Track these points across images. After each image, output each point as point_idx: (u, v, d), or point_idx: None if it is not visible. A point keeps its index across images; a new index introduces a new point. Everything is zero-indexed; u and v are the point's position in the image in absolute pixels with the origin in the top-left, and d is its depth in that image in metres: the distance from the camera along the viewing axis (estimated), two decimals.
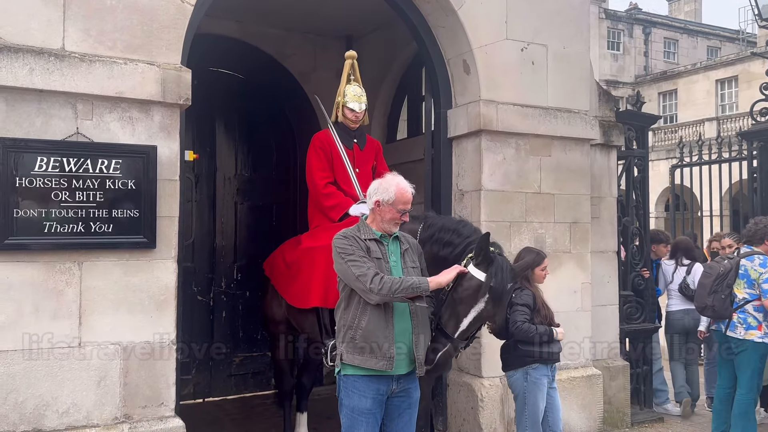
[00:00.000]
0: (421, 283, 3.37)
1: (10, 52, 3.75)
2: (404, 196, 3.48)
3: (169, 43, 4.21)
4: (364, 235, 3.48)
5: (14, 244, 3.75)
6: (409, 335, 3.45)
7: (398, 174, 3.59)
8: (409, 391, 3.56)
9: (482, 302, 3.57)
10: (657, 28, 34.95)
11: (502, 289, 3.61)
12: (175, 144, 4.21)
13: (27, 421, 3.78)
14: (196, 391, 6.94)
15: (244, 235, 7.32)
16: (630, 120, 6.84)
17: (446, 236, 3.93)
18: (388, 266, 3.45)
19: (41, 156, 3.81)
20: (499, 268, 3.61)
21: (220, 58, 7.02)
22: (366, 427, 3.43)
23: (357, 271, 3.33)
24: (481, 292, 3.56)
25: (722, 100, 29.34)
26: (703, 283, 5.55)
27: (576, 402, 5.63)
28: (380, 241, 3.49)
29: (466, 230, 3.95)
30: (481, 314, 3.61)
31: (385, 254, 3.48)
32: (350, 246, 3.41)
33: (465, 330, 3.61)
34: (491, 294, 3.57)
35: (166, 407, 4.12)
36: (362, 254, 3.39)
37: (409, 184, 3.56)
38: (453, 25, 5.39)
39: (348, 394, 3.46)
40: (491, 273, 3.58)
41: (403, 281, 3.33)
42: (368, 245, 3.45)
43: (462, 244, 3.85)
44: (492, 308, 3.62)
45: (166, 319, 4.14)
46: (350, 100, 4.97)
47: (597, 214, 6.23)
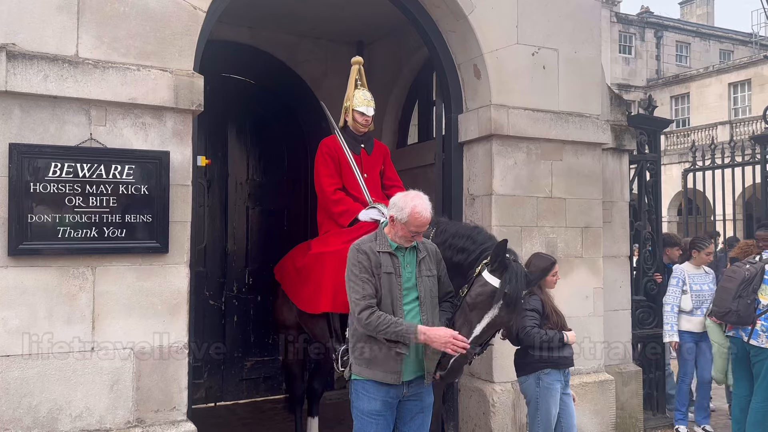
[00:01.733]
0: (409, 333, 3.33)
1: (24, 59, 3.79)
2: (417, 219, 3.44)
3: (181, 49, 4.24)
4: (379, 247, 3.49)
5: (28, 249, 3.78)
6: (418, 346, 3.45)
7: (422, 194, 3.54)
8: (422, 395, 3.57)
9: (496, 308, 3.56)
10: (669, 32, 34.77)
11: (516, 296, 3.59)
12: (187, 149, 4.24)
13: (41, 425, 3.80)
14: (208, 395, 6.97)
15: (255, 240, 7.34)
16: (642, 124, 6.81)
17: (460, 242, 3.91)
18: (399, 280, 3.45)
19: (55, 162, 3.84)
20: (514, 274, 3.59)
21: (232, 64, 7.06)
22: (376, 429, 3.45)
23: (355, 295, 3.41)
24: (495, 299, 3.56)
25: (735, 103, 29.14)
26: (727, 287, 5.38)
27: (588, 407, 5.60)
28: (394, 254, 3.49)
29: (480, 237, 3.94)
30: (495, 321, 3.60)
31: (398, 267, 3.48)
32: (359, 264, 3.43)
33: (478, 336, 3.60)
34: (505, 300, 3.56)
35: (178, 411, 4.14)
36: (367, 276, 3.40)
37: (429, 205, 3.51)
38: (464, 30, 5.39)
39: (358, 396, 3.49)
40: (506, 279, 3.57)
41: (390, 325, 3.33)
42: (381, 260, 3.45)
43: (477, 251, 3.83)
44: (506, 315, 3.61)
45: (179, 323, 4.16)
46: (359, 104, 4.97)
47: (609, 218, 6.20)
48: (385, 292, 3.43)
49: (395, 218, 3.47)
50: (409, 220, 3.43)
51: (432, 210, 3.54)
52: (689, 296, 6.34)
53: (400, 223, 3.45)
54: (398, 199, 3.52)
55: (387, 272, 3.44)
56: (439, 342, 3.34)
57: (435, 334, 3.35)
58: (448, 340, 3.34)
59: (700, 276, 6.46)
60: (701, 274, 6.47)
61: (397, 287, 3.45)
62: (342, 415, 3.73)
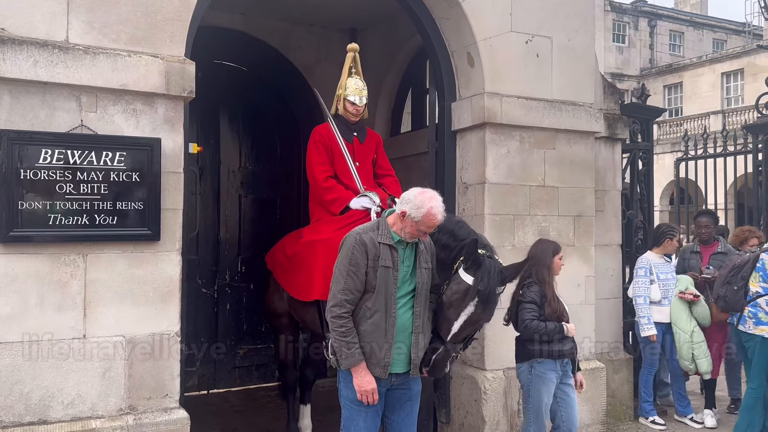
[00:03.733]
0: (348, 359, 3.39)
1: (14, 45, 3.75)
2: (431, 221, 3.45)
3: (173, 35, 4.21)
4: (380, 238, 3.47)
5: (19, 236, 3.76)
6: (409, 335, 3.50)
7: (438, 195, 3.52)
8: (410, 383, 3.60)
9: (471, 306, 3.57)
10: (662, 21, 34.75)
11: (489, 292, 3.59)
12: (179, 136, 4.21)
13: (32, 412, 3.80)
14: (201, 382, 6.98)
15: (248, 228, 7.33)
16: (635, 113, 6.82)
17: (443, 238, 3.89)
18: (396, 274, 3.45)
19: (46, 148, 3.81)
20: (486, 272, 3.59)
21: (224, 50, 7.02)
22: (365, 417, 3.47)
23: (336, 286, 3.43)
24: (469, 296, 3.56)
25: (728, 93, 29.21)
26: (721, 274, 5.53)
27: (579, 395, 5.61)
28: (395, 247, 3.48)
29: (461, 232, 3.90)
30: (471, 318, 3.60)
31: (397, 261, 3.47)
32: (352, 256, 3.41)
33: (457, 333, 3.61)
34: (479, 297, 3.56)
35: (170, 399, 4.14)
36: (354, 270, 3.38)
37: (443, 207, 3.50)
38: (457, 17, 5.37)
39: (347, 385, 3.50)
40: (478, 277, 3.57)
41: (344, 336, 3.37)
42: (380, 252, 3.43)
43: (457, 248, 3.81)
44: (482, 311, 3.60)
45: (171, 311, 4.15)
46: (351, 94, 4.94)
47: (601, 207, 6.22)
48: (380, 285, 3.41)
49: (408, 215, 3.44)
50: (423, 220, 3.43)
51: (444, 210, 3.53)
52: (657, 286, 6.24)
53: (412, 220, 3.44)
54: (414, 196, 3.47)
55: (385, 266, 3.42)
56: (358, 387, 3.42)
57: (363, 380, 3.40)
58: (365, 391, 3.41)
59: (664, 265, 6.37)
60: (664, 263, 6.39)
61: (393, 282, 3.44)
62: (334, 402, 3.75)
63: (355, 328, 3.42)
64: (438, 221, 3.48)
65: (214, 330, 7.07)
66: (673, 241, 6.41)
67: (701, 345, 6.11)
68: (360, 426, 3.49)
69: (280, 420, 5.75)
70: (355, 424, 3.50)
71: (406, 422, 3.60)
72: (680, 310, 6.18)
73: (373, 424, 3.52)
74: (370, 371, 3.43)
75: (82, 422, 3.88)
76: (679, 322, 6.17)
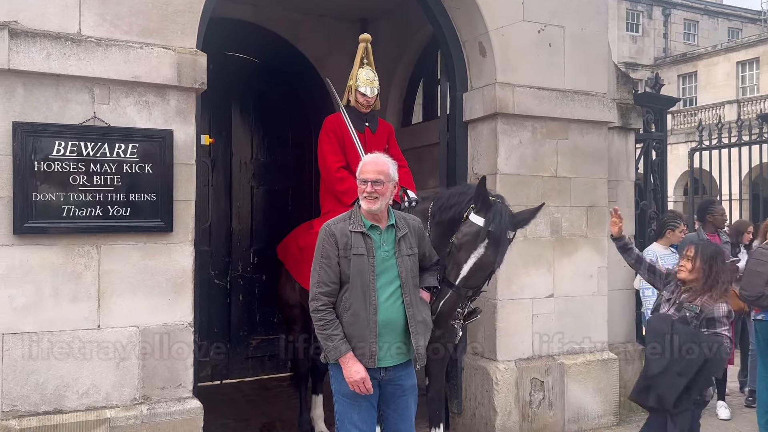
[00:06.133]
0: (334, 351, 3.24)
1: (27, 37, 3.77)
2: (365, 165, 3.34)
3: (184, 27, 4.22)
4: (351, 227, 3.32)
5: (33, 227, 3.80)
6: (399, 327, 3.31)
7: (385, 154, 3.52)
8: (401, 378, 3.39)
9: (482, 248, 3.58)
10: (677, 9, 34.40)
11: (500, 234, 3.60)
12: (191, 128, 4.22)
13: (48, 402, 3.84)
14: (214, 373, 7.02)
15: (260, 219, 7.35)
16: (648, 102, 6.77)
17: (453, 200, 3.93)
18: (372, 261, 3.27)
19: (59, 140, 3.84)
20: (497, 213, 3.61)
21: (235, 42, 7.01)
22: (359, 410, 3.33)
23: (312, 279, 3.34)
24: (479, 237, 3.57)
25: (743, 82, 28.90)
26: (757, 271, 5.24)
27: (591, 386, 5.62)
28: (367, 234, 3.31)
29: (470, 190, 3.95)
30: (482, 261, 3.60)
31: (371, 248, 3.29)
32: (321, 247, 3.33)
33: (466, 277, 3.61)
34: (490, 239, 3.56)
35: (184, 389, 4.17)
36: (326, 262, 3.28)
37: (383, 155, 3.48)
38: (468, 7, 5.33)
39: (337, 379, 3.35)
40: (489, 218, 3.58)
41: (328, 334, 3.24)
42: (352, 241, 3.28)
43: (464, 201, 3.85)
44: (492, 254, 3.60)
45: (184, 301, 4.18)
46: (362, 84, 4.93)
47: (614, 197, 6.17)
48: (354, 274, 3.26)
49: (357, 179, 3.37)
50: (360, 169, 3.35)
51: (390, 160, 3.44)
52: None
53: (358, 180, 3.35)
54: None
55: (358, 253, 3.27)
56: (348, 378, 3.24)
57: (351, 370, 3.22)
58: (355, 381, 3.22)
59: (670, 256, 6.23)
60: (670, 254, 6.26)
61: (369, 269, 3.26)
62: None
63: (338, 320, 3.29)
64: (368, 161, 3.39)
65: (226, 321, 7.11)
66: (676, 232, 6.33)
67: None
68: (354, 419, 3.32)
69: (293, 410, 5.78)
70: (349, 418, 3.33)
71: (402, 416, 3.42)
72: None
73: (368, 416, 3.35)
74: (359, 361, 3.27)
75: (96, 412, 3.92)
76: None
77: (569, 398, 5.53)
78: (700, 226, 6.70)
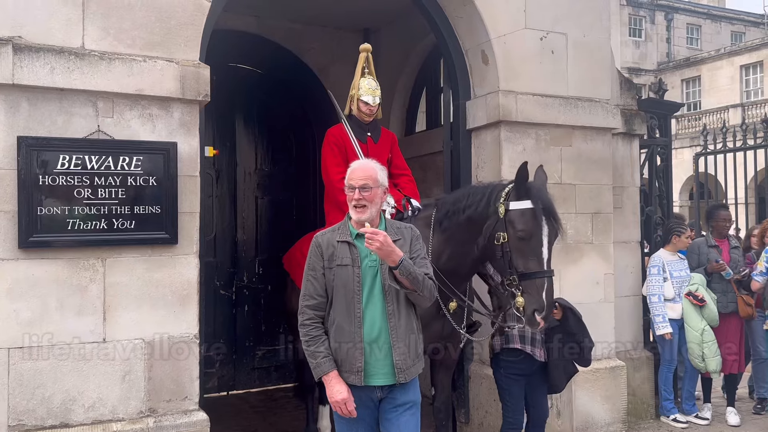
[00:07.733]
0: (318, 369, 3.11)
1: (31, 52, 3.79)
2: (353, 172, 3.22)
3: (187, 39, 4.23)
4: (339, 237, 3.20)
5: (38, 241, 3.80)
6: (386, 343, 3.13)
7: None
8: (400, 397, 3.20)
9: (545, 225, 3.64)
10: (679, 14, 34.38)
11: (550, 205, 3.68)
12: (195, 140, 4.23)
13: (54, 416, 3.84)
14: (220, 384, 7.02)
15: (265, 230, 7.36)
16: (652, 108, 6.75)
17: (464, 201, 3.90)
18: (358, 271, 3.13)
19: (63, 154, 3.85)
20: (535, 188, 3.70)
21: (238, 53, 7.05)
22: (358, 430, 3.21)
23: (302, 292, 3.24)
24: (538, 216, 3.62)
25: (747, 86, 28.83)
26: None
27: (599, 393, 5.59)
28: (353, 244, 3.17)
29: (481, 187, 3.96)
30: (550, 235, 3.66)
31: (357, 258, 3.15)
32: (309, 259, 3.22)
33: (548, 259, 3.65)
34: (545, 214, 3.63)
35: (190, 401, 4.16)
36: (312, 274, 3.17)
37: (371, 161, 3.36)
38: (471, 15, 5.34)
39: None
40: (534, 196, 3.66)
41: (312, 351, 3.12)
42: (338, 251, 3.15)
43: (486, 195, 3.85)
44: (555, 223, 3.68)
45: (189, 313, 4.17)
46: (364, 93, 4.93)
47: (619, 204, 6.16)
48: (338, 286, 3.14)
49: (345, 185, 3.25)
50: (348, 175, 3.24)
51: (379, 165, 3.32)
52: (670, 283, 6.17)
53: (346, 188, 3.23)
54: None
55: (342, 264, 3.14)
56: (330, 398, 3.11)
57: (333, 390, 3.08)
58: (336, 402, 3.08)
59: (678, 262, 6.29)
60: (678, 261, 6.31)
61: (355, 280, 3.12)
62: None
63: (326, 335, 3.17)
64: (357, 166, 3.28)
65: (232, 331, 7.10)
66: (682, 238, 6.32)
67: (711, 344, 6.04)
68: None
69: (300, 421, 5.76)
70: None
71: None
72: (691, 309, 6.13)
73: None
74: (345, 379, 3.11)
75: (103, 425, 3.91)
76: (689, 321, 6.12)
77: (577, 406, 5.49)
78: (708, 232, 6.67)
